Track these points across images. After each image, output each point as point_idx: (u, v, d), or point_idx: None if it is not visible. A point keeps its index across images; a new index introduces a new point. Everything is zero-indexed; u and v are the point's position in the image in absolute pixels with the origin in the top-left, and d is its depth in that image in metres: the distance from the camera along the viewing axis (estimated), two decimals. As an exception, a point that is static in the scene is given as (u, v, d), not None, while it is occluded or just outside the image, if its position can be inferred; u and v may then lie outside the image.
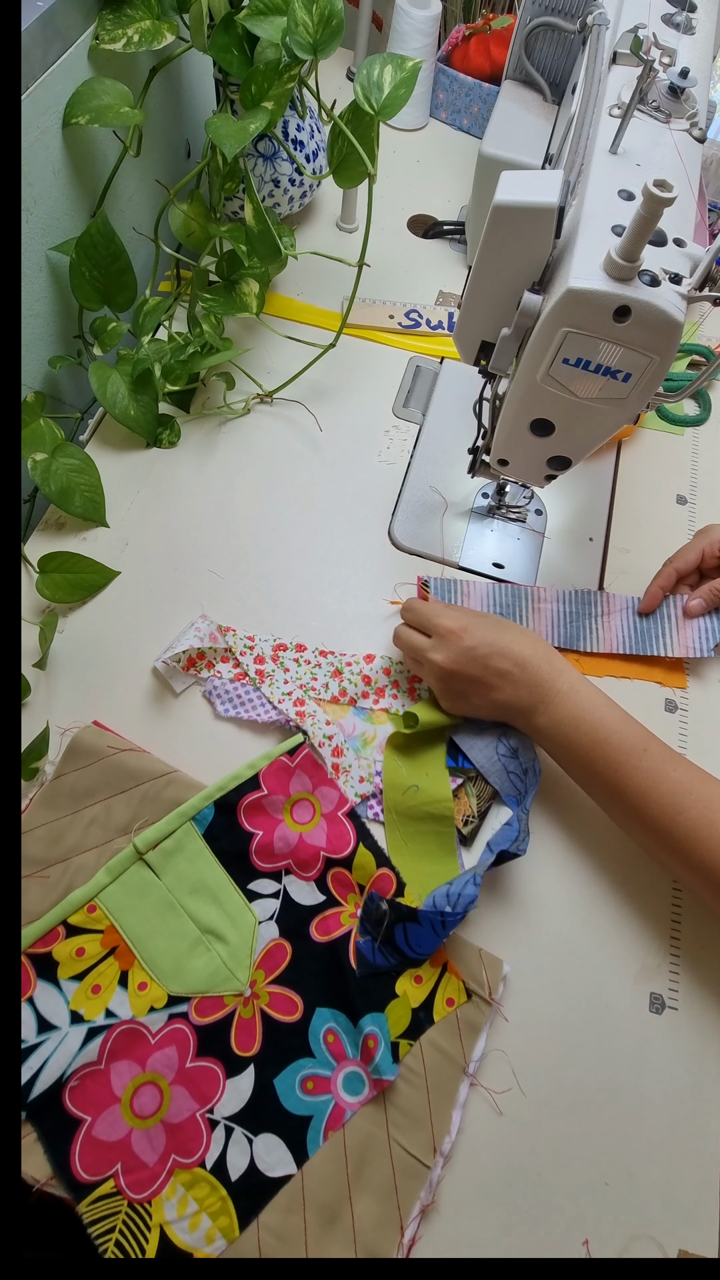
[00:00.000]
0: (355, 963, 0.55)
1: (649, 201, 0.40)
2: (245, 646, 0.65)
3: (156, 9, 0.66)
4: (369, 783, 0.61)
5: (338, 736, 0.62)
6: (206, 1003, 0.53)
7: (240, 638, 0.65)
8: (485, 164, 0.80)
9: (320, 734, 0.61)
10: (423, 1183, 0.50)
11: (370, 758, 0.62)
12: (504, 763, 0.60)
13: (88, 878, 0.55)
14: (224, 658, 0.65)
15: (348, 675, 0.65)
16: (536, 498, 0.76)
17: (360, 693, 0.64)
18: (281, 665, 0.64)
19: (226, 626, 0.66)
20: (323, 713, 0.62)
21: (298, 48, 0.65)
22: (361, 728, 0.63)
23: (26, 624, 0.64)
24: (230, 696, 0.63)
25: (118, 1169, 0.49)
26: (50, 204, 0.67)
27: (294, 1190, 0.50)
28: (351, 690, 0.64)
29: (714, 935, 0.59)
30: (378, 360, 0.84)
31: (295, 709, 0.62)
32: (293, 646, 0.65)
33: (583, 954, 0.57)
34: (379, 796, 0.61)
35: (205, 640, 0.64)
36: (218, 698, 0.63)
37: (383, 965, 0.55)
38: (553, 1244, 0.50)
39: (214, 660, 0.65)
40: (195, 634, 0.64)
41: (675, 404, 0.84)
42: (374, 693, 0.64)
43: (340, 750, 0.61)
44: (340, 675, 0.64)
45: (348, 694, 0.64)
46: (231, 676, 0.64)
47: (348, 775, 0.61)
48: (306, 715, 0.62)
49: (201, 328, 0.75)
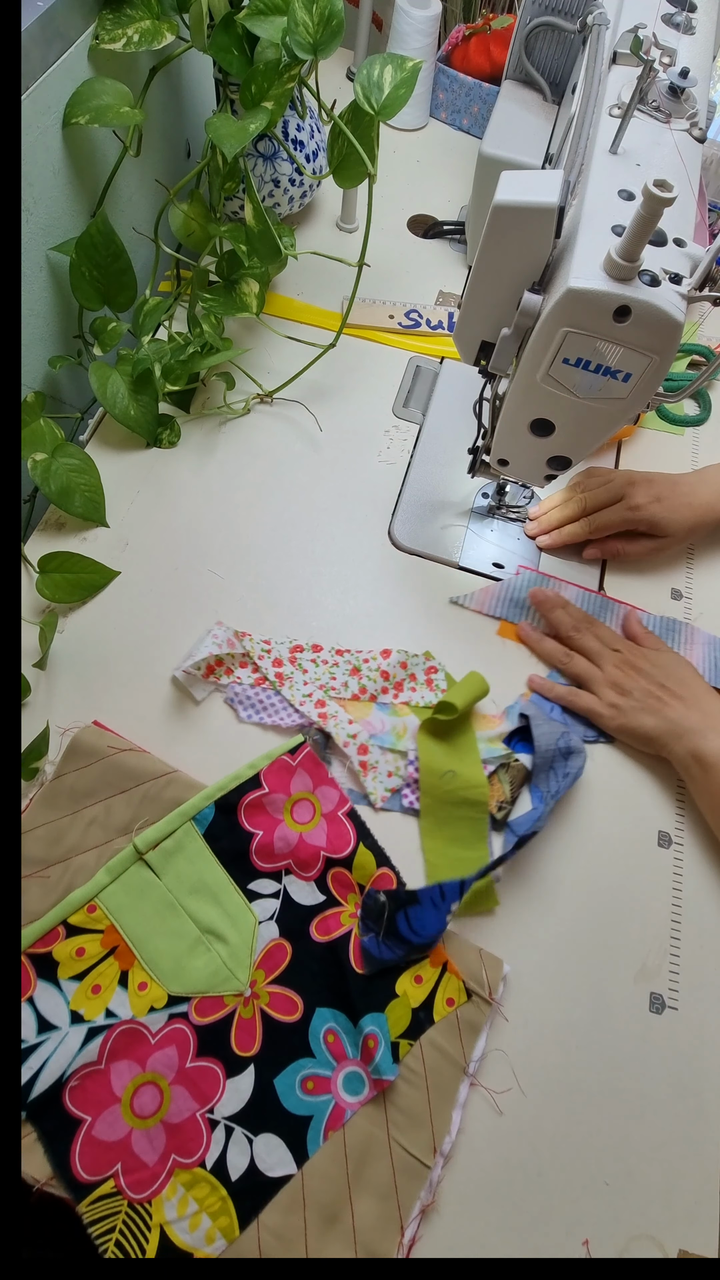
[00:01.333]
0: (361, 964, 0.55)
1: (649, 201, 0.40)
2: (262, 650, 0.65)
3: (156, 9, 0.66)
4: (398, 776, 0.61)
5: (361, 735, 0.62)
6: (206, 1003, 0.53)
7: (257, 642, 0.65)
8: (485, 164, 0.80)
9: (344, 734, 0.61)
10: (423, 1183, 0.50)
11: (404, 748, 0.62)
12: (556, 756, 0.61)
13: (88, 878, 0.55)
14: (242, 663, 0.65)
15: (366, 672, 0.65)
16: (536, 498, 0.76)
17: (380, 689, 0.64)
18: (299, 666, 0.64)
19: (243, 631, 0.65)
20: (345, 712, 0.63)
21: (298, 48, 0.65)
22: (390, 723, 0.63)
23: (26, 624, 0.64)
24: (252, 702, 0.63)
25: (118, 1169, 0.49)
26: (50, 204, 0.67)
27: (294, 1190, 0.50)
28: (371, 687, 0.64)
29: (714, 935, 0.59)
30: (378, 360, 0.84)
31: (317, 710, 0.62)
32: (309, 647, 0.65)
33: (583, 954, 0.58)
34: (412, 786, 0.61)
35: (223, 646, 0.64)
36: (239, 704, 0.63)
37: (390, 958, 0.55)
38: (553, 1244, 0.50)
39: (232, 666, 0.64)
40: (213, 641, 0.64)
41: (675, 404, 0.84)
42: (393, 687, 0.64)
43: (366, 748, 0.61)
44: (359, 673, 0.64)
45: (368, 690, 0.64)
46: (251, 681, 0.64)
47: (375, 771, 0.61)
48: (329, 716, 0.62)
49: (201, 328, 0.75)
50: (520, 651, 0.68)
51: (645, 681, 0.63)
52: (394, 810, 0.60)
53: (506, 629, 0.69)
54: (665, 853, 0.61)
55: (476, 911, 0.58)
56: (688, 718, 0.61)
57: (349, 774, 0.61)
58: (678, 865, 0.61)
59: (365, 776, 0.61)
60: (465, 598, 0.70)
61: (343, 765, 0.62)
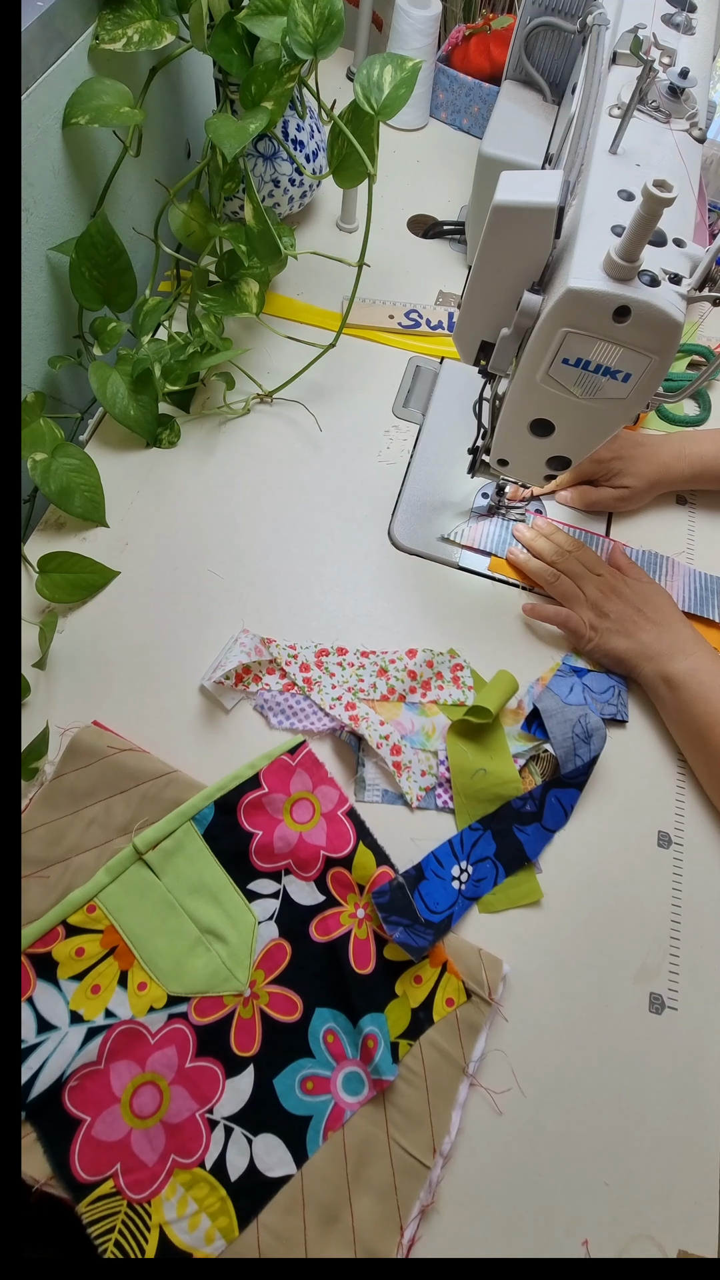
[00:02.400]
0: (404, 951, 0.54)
1: (649, 201, 0.40)
2: (289, 656, 0.65)
3: (156, 9, 0.66)
4: (431, 775, 0.61)
5: (394, 735, 0.62)
6: (206, 1003, 0.53)
7: (283, 647, 0.65)
8: (485, 164, 0.80)
9: (376, 735, 0.61)
10: (422, 1183, 0.50)
11: (434, 748, 0.62)
12: (575, 744, 0.61)
13: (87, 878, 0.55)
14: (270, 669, 0.65)
15: (393, 673, 0.65)
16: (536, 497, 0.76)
17: (408, 688, 0.64)
18: (326, 670, 0.64)
19: (269, 638, 0.65)
20: (375, 714, 0.63)
21: (298, 48, 0.65)
22: (420, 722, 0.63)
23: (26, 624, 0.64)
24: (282, 709, 0.63)
25: (117, 1169, 0.49)
26: (50, 204, 0.67)
27: (293, 1190, 0.50)
28: (399, 687, 0.64)
29: (714, 935, 0.59)
30: (377, 360, 0.84)
31: (347, 713, 0.62)
32: (334, 650, 0.65)
33: (583, 954, 0.58)
34: (445, 785, 0.61)
35: (250, 654, 0.63)
36: (270, 711, 0.63)
37: (425, 943, 0.55)
38: (553, 1244, 0.50)
39: (260, 673, 0.64)
40: (240, 649, 0.63)
41: (675, 404, 0.84)
42: (420, 686, 0.65)
43: (399, 749, 0.61)
44: (386, 674, 0.65)
45: (396, 691, 0.64)
46: (280, 688, 0.64)
47: (409, 771, 0.61)
48: (360, 719, 0.62)
49: (201, 328, 0.75)
50: (525, 648, 0.68)
51: (622, 605, 0.67)
52: (430, 809, 0.61)
53: (499, 565, 0.72)
54: (665, 853, 0.61)
55: (521, 904, 0.58)
56: (659, 641, 0.64)
57: (383, 775, 0.62)
58: (678, 865, 0.61)
59: (400, 777, 0.61)
60: (456, 532, 0.72)
61: (376, 766, 0.62)
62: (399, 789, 0.61)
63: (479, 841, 0.59)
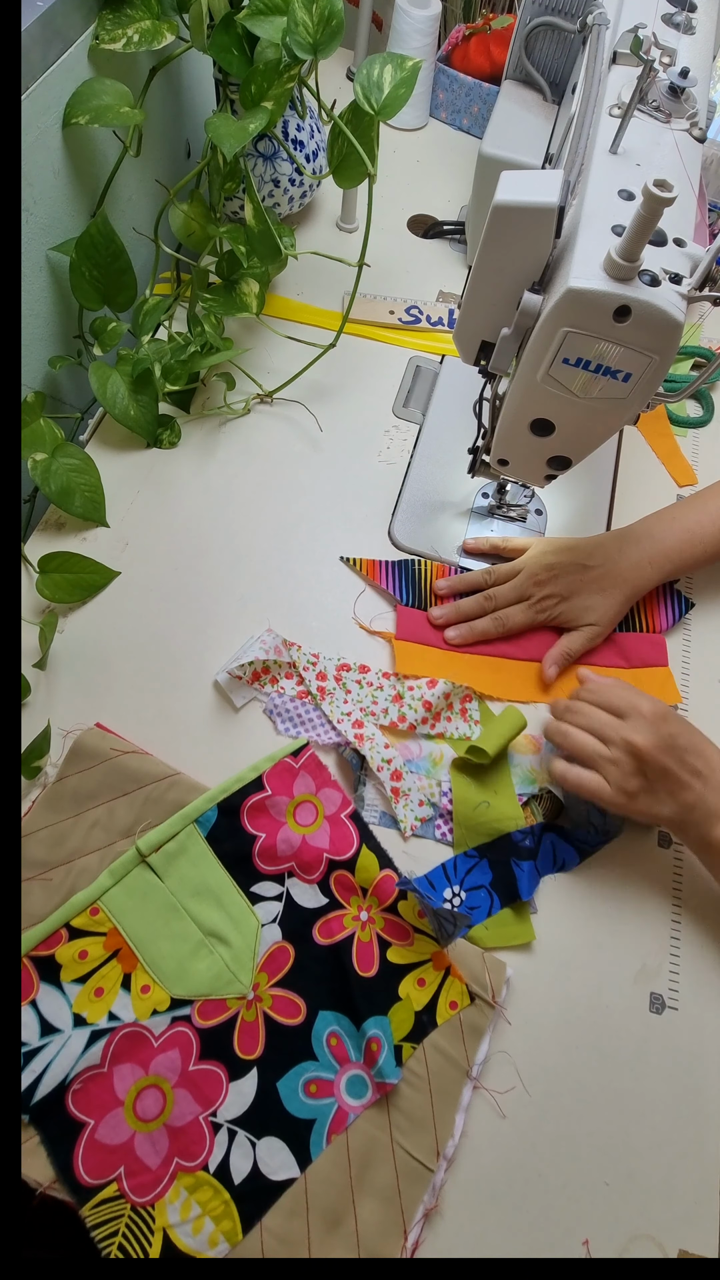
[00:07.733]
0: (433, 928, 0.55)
1: (649, 201, 0.40)
2: (308, 662, 0.64)
3: (156, 9, 0.66)
4: (429, 805, 0.60)
5: (396, 760, 0.61)
6: (209, 1006, 0.53)
7: (305, 653, 0.65)
8: (485, 164, 0.80)
9: (379, 758, 0.61)
10: (426, 1186, 0.50)
11: (438, 778, 0.61)
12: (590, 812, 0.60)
13: (90, 880, 0.55)
14: (288, 674, 0.64)
15: (408, 700, 0.63)
16: (536, 497, 0.75)
17: (420, 718, 0.63)
18: (344, 686, 0.64)
19: (291, 641, 0.65)
20: (381, 736, 0.62)
21: (298, 48, 0.65)
22: (428, 748, 0.63)
23: (26, 624, 0.64)
24: (291, 715, 0.63)
25: (120, 1172, 0.49)
26: (50, 204, 0.67)
27: (297, 1194, 0.50)
28: (411, 716, 0.63)
29: (714, 935, 0.59)
30: (378, 360, 0.84)
31: (354, 730, 0.61)
32: (356, 668, 0.65)
33: (583, 955, 0.57)
34: (445, 817, 0.61)
35: (270, 653, 0.63)
36: (278, 716, 0.63)
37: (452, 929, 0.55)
38: (553, 1244, 0.50)
39: (278, 676, 0.64)
40: (260, 646, 0.63)
41: (677, 405, 0.83)
42: (432, 718, 0.63)
43: (400, 774, 0.61)
44: (401, 700, 0.63)
45: (407, 719, 0.63)
46: (294, 694, 0.64)
47: (407, 799, 0.60)
48: (365, 739, 0.61)
49: (201, 328, 0.75)
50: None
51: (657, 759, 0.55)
52: (427, 838, 0.60)
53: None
54: (665, 853, 0.61)
55: (512, 945, 0.57)
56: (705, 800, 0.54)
57: (381, 798, 0.61)
58: (678, 865, 0.61)
59: (397, 803, 0.60)
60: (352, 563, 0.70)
61: (376, 790, 0.61)
62: (394, 814, 0.60)
63: (474, 869, 0.59)
